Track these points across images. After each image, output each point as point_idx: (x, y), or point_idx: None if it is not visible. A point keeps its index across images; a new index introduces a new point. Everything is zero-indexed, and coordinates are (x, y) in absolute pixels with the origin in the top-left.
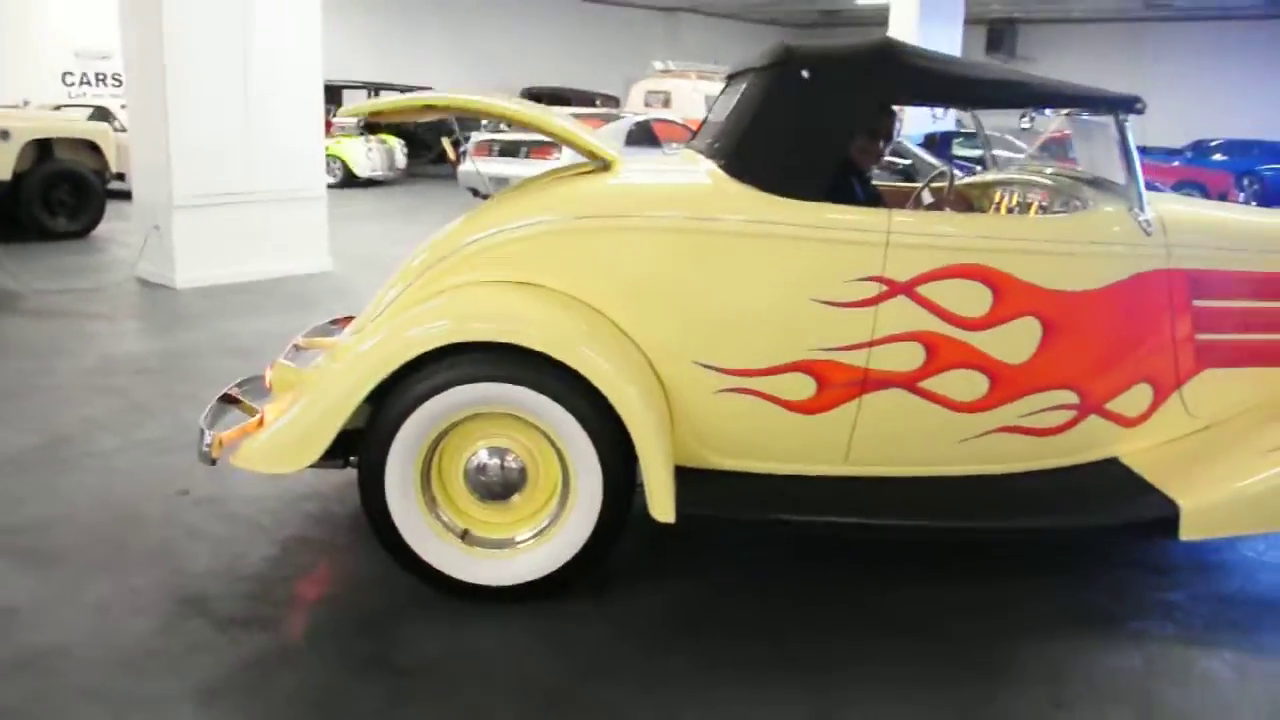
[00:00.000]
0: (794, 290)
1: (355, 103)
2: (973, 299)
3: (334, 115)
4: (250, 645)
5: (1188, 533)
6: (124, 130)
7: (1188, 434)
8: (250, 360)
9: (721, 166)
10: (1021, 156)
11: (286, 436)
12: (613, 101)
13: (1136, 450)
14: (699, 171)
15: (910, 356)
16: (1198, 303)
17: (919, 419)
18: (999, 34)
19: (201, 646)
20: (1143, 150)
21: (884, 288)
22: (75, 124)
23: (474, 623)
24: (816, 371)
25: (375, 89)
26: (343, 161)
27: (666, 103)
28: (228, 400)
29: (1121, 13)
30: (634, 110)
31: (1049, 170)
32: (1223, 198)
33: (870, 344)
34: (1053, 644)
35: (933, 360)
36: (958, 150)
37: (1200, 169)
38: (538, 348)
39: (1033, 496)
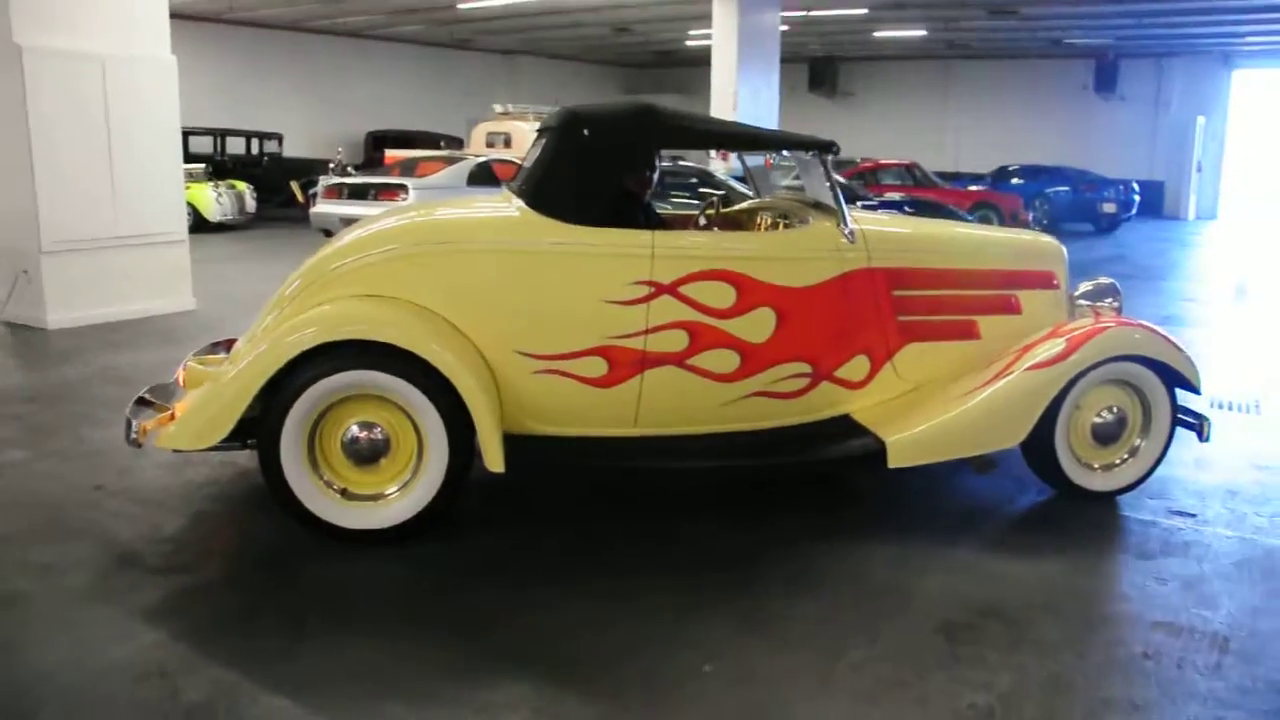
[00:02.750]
0: (586, 293)
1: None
2: (721, 295)
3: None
4: (178, 583)
5: (894, 461)
6: None
7: (901, 393)
8: (130, 387)
9: (527, 202)
10: (781, 187)
11: (199, 420)
12: (456, 143)
13: (863, 407)
14: (510, 207)
15: (678, 340)
16: (897, 293)
17: (689, 388)
18: (820, 71)
19: (138, 585)
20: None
21: (653, 289)
22: None
23: (352, 559)
24: (607, 354)
25: (223, 134)
26: (193, 207)
27: (507, 143)
28: (142, 402)
29: (927, 51)
30: (476, 151)
31: (787, 196)
32: (1014, 218)
33: (646, 332)
34: (795, 546)
35: (695, 343)
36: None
37: (996, 193)
38: (396, 343)
39: (779, 443)
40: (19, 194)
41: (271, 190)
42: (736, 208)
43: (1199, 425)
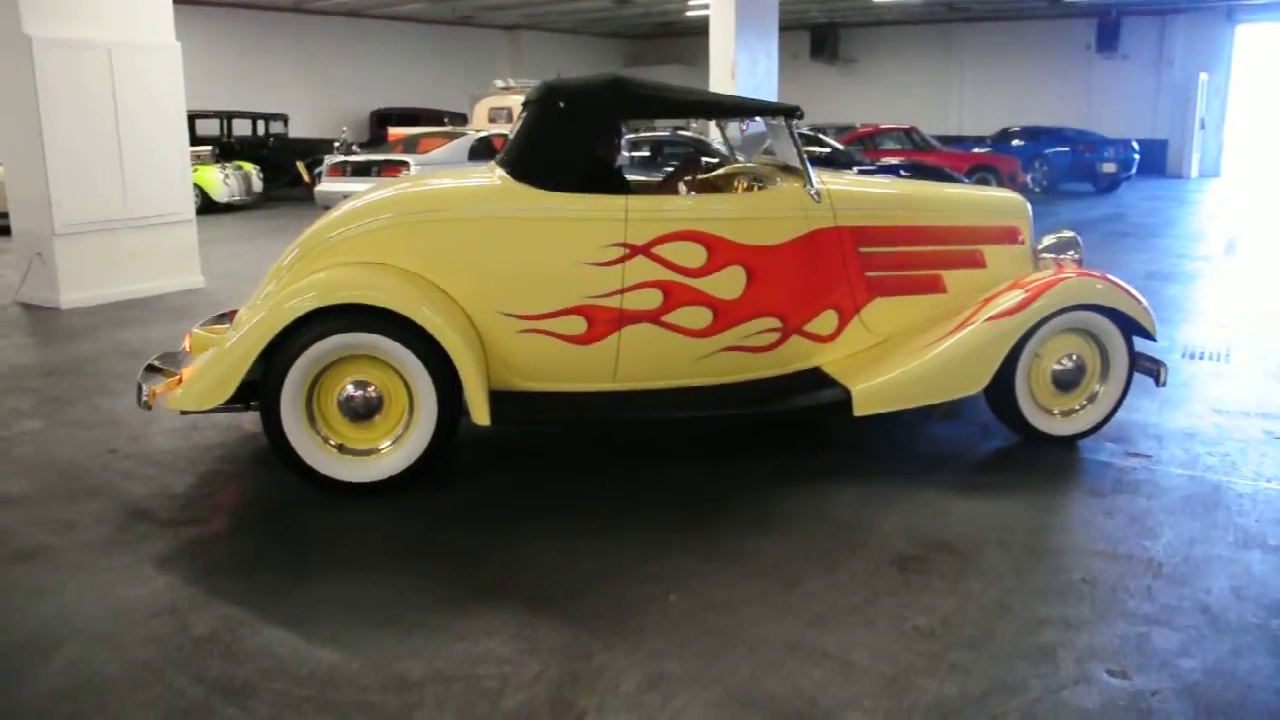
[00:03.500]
0: (565, 256)
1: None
2: (693, 255)
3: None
4: (187, 534)
5: (859, 409)
6: None
7: (870, 346)
8: (141, 360)
9: (508, 172)
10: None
11: (205, 382)
12: (460, 119)
13: (833, 360)
14: (493, 177)
15: (653, 298)
16: (863, 249)
17: (665, 344)
18: (821, 38)
19: (150, 536)
20: (957, 140)
21: (628, 250)
22: None
23: (348, 509)
24: (586, 313)
25: (229, 116)
26: (201, 188)
27: (509, 118)
28: (151, 369)
29: (929, 15)
30: (478, 127)
31: (762, 160)
32: (1012, 179)
33: (622, 291)
34: (763, 490)
35: (669, 300)
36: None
37: (994, 155)
38: (389, 306)
39: (752, 394)
40: (32, 179)
41: (278, 170)
42: (715, 173)
43: (1156, 371)
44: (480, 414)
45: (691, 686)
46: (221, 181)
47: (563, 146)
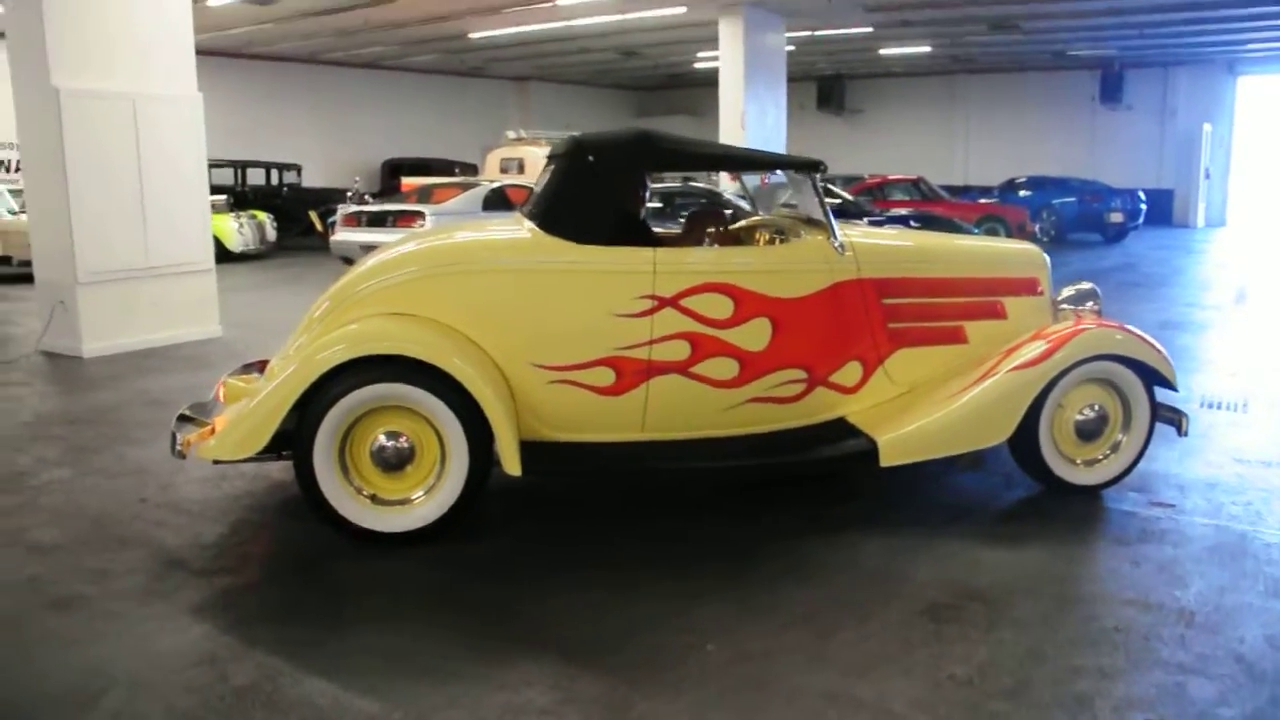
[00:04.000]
0: (594, 307)
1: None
2: (720, 307)
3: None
4: (220, 583)
5: (886, 460)
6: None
7: (894, 397)
8: (164, 409)
9: (538, 225)
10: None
11: (239, 432)
12: (471, 169)
13: (857, 411)
14: (522, 229)
15: (680, 350)
16: (886, 301)
17: (692, 395)
18: (828, 89)
19: (185, 585)
20: (963, 190)
21: (656, 302)
22: None
23: (381, 559)
24: (615, 365)
25: (243, 166)
26: (216, 237)
27: (520, 168)
28: (184, 418)
29: (934, 67)
30: (490, 177)
31: (784, 213)
32: (1021, 229)
33: (651, 343)
34: (792, 541)
35: (697, 352)
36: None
37: (1002, 205)
38: (422, 358)
39: (778, 444)
40: (56, 229)
41: (291, 220)
42: (737, 225)
43: (1178, 421)
44: (512, 464)
45: None
46: (236, 231)
47: (592, 200)
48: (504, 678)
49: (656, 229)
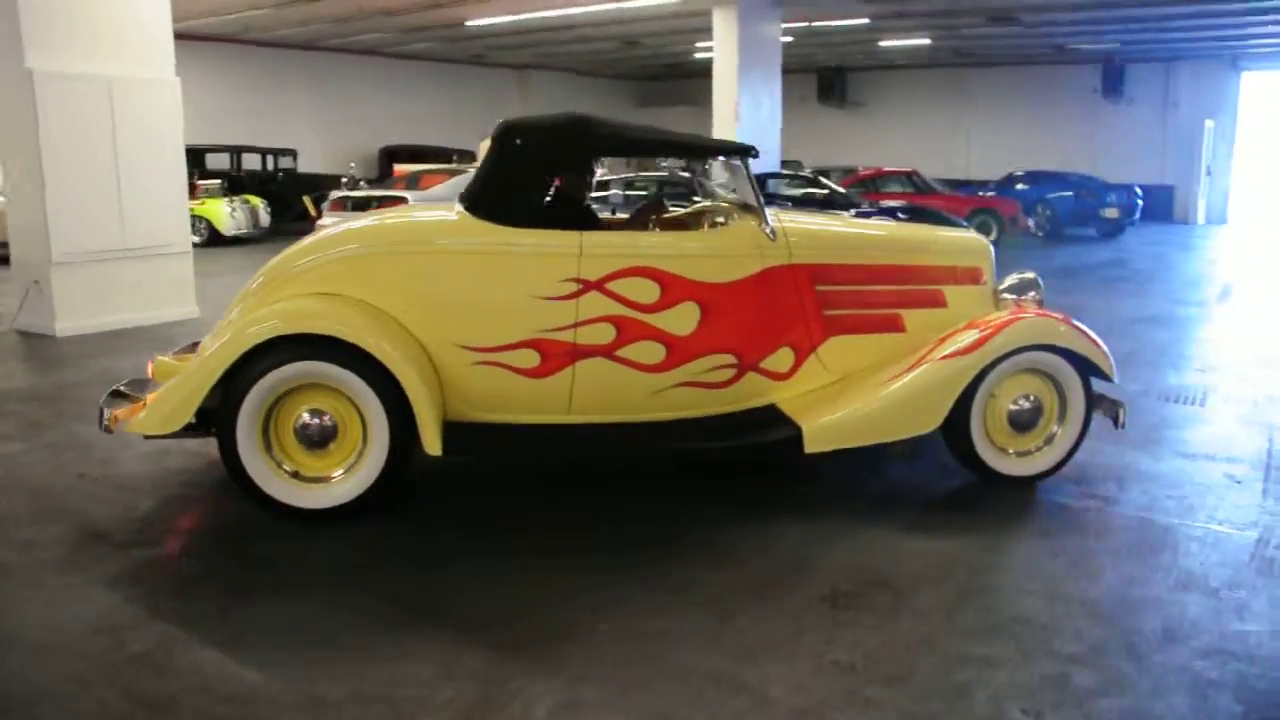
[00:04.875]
0: (518, 289)
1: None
2: (646, 291)
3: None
4: (139, 555)
5: (810, 447)
6: None
7: (828, 384)
8: None
9: (466, 208)
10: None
11: (165, 407)
12: (470, 157)
13: (789, 397)
14: (451, 213)
15: (606, 333)
16: (819, 287)
17: (618, 379)
18: (829, 82)
19: (105, 558)
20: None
21: (581, 285)
22: None
23: (301, 534)
24: (540, 347)
25: (239, 151)
26: (208, 221)
27: None
28: (117, 394)
29: (935, 59)
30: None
31: (725, 199)
32: (1013, 223)
33: (576, 325)
34: (713, 525)
35: (622, 335)
36: (784, 190)
37: (997, 199)
38: (345, 338)
39: (706, 429)
40: (31, 209)
41: (285, 205)
42: (683, 211)
43: (1115, 413)
44: (432, 444)
45: (604, 713)
46: (229, 215)
47: (517, 182)
48: (393, 652)
49: (618, 215)
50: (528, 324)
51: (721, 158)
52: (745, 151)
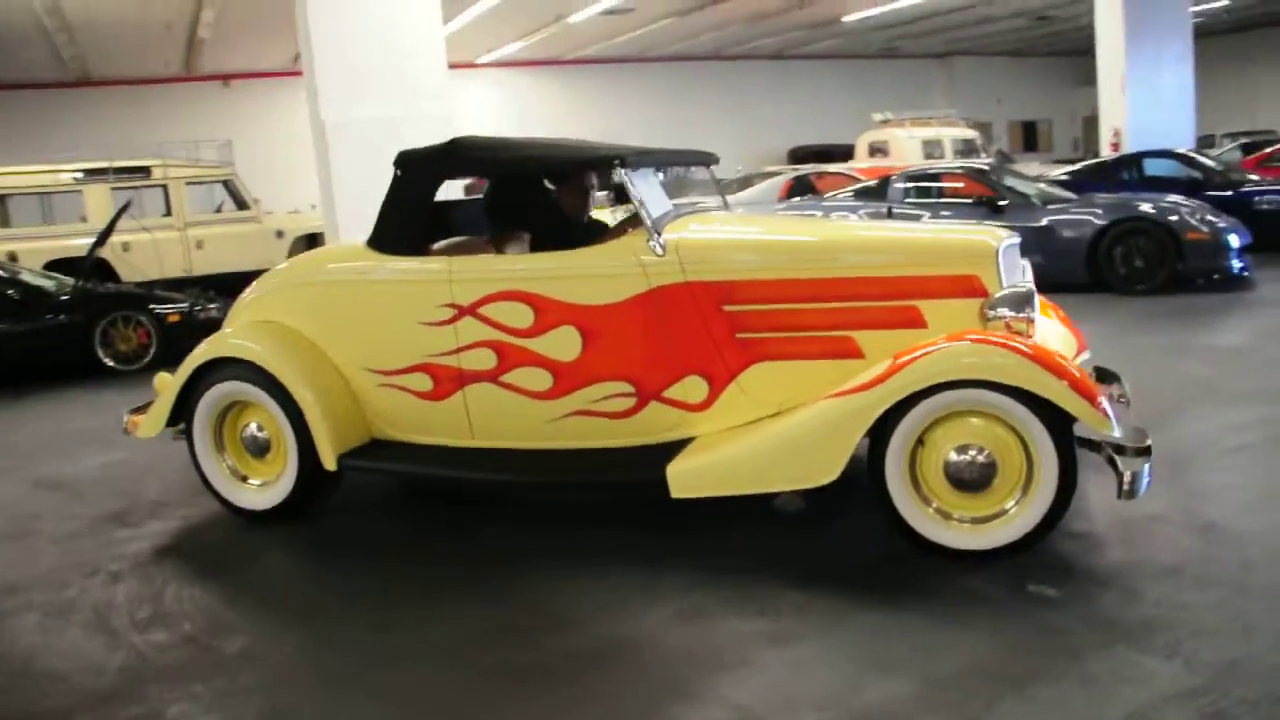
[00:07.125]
0: (406, 315)
1: None
2: (520, 315)
3: None
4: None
5: (676, 492)
6: None
7: (761, 417)
8: None
9: (367, 240)
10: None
11: (152, 415)
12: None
13: (713, 431)
14: (357, 244)
15: (487, 359)
16: (728, 308)
17: (508, 405)
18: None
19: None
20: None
21: (456, 311)
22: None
23: (247, 530)
24: (430, 371)
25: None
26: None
27: (885, 153)
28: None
29: None
30: (859, 163)
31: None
32: None
33: (458, 350)
34: (545, 560)
35: (503, 361)
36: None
37: None
38: (250, 359)
39: (600, 462)
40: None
41: None
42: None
43: (1121, 476)
44: (326, 459)
45: None
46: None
47: (397, 211)
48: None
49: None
50: (415, 349)
51: (594, 169)
52: (609, 162)
